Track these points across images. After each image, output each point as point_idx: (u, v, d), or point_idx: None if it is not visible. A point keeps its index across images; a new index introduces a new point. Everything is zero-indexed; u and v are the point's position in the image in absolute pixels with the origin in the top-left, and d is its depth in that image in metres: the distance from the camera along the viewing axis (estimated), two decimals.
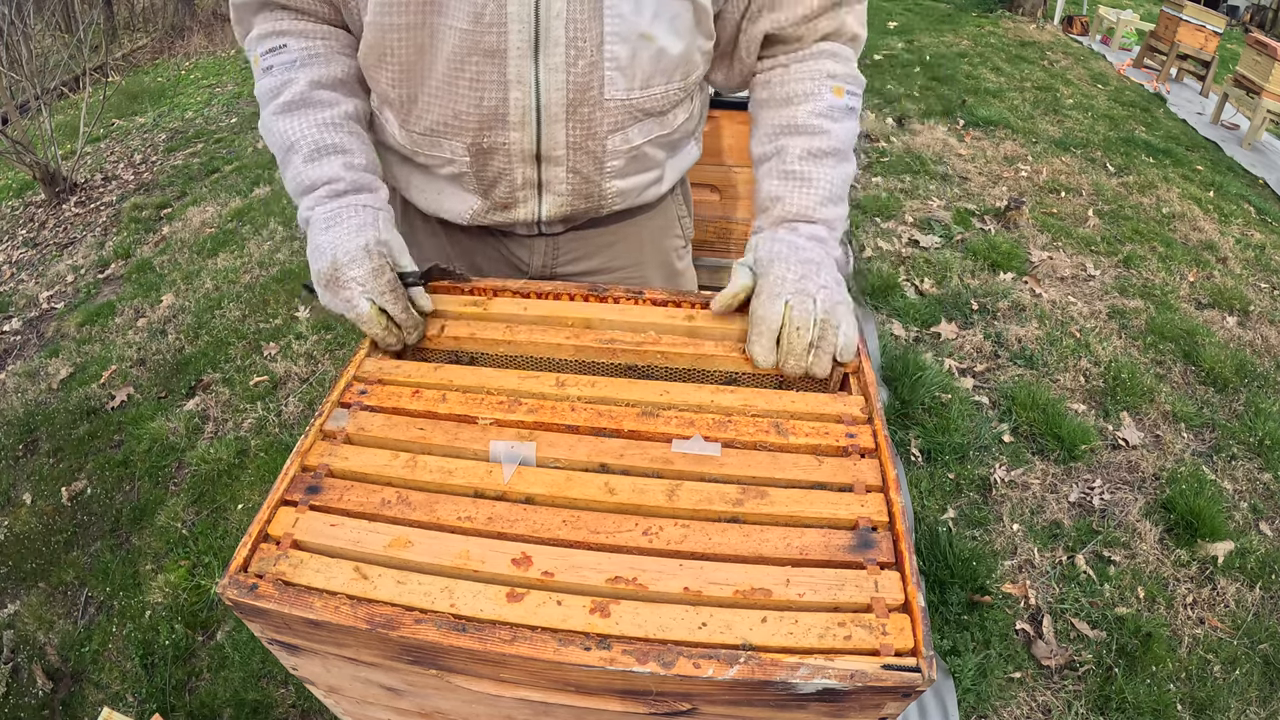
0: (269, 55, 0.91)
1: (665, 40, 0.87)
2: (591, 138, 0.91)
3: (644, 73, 0.88)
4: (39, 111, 4.60)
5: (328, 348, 2.96)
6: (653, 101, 0.92)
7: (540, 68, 0.84)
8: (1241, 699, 1.79)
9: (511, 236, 1.08)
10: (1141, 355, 2.95)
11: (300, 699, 1.77)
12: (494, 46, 0.83)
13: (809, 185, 0.92)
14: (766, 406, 0.81)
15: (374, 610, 0.62)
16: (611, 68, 0.86)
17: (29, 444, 2.65)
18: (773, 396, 0.82)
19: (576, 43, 0.83)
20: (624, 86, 0.88)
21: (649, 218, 1.13)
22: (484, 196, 0.98)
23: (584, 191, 0.97)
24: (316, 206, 0.88)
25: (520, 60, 0.84)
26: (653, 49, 0.86)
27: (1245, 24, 11.43)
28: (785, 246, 0.87)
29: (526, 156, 0.92)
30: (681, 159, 1.09)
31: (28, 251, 4.16)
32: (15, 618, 2.04)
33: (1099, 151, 4.87)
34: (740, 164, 2.14)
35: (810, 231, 0.90)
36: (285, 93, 0.90)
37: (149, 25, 8.54)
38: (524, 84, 0.85)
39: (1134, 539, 2.17)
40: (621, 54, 0.85)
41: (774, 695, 0.59)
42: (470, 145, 0.92)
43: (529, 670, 0.61)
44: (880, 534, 0.69)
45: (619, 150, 0.94)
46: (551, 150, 0.91)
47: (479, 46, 0.83)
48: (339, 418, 0.80)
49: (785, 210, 0.92)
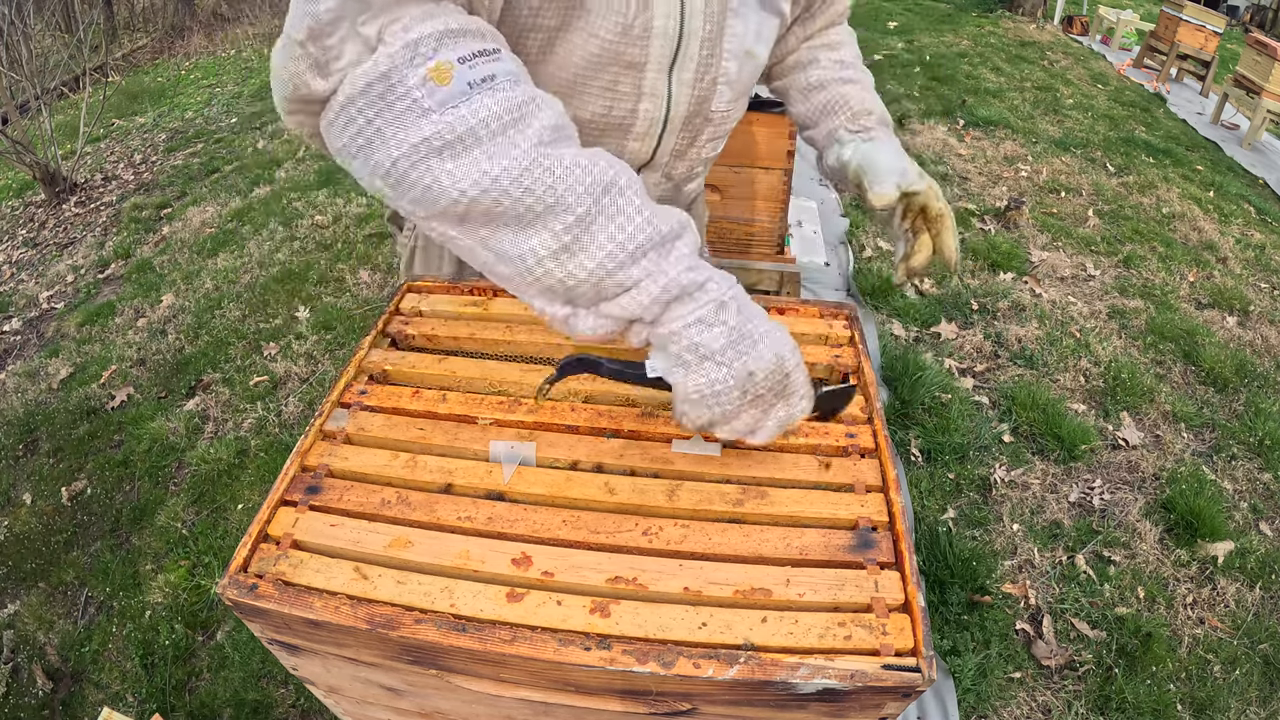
0: (481, 62, 0.61)
1: (761, 55, 0.92)
2: (692, 145, 0.95)
3: (744, 86, 0.92)
4: (39, 111, 4.60)
5: (328, 348, 2.96)
6: (739, 111, 0.96)
7: (674, 81, 0.85)
8: (1241, 699, 1.79)
9: None
10: (1141, 355, 2.95)
11: (300, 699, 1.76)
12: (635, 59, 0.81)
13: (871, 93, 1.05)
14: None
15: (374, 610, 0.62)
16: (723, 82, 0.88)
17: (29, 444, 2.65)
18: None
19: (706, 59, 0.85)
20: (729, 99, 0.91)
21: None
22: None
23: (670, 197, 1.01)
24: (691, 270, 0.63)
25: (657, 74, 0.84)
26: (753, 64, 0.91)
27: (1245, 24, 11.42)
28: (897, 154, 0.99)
29: (637, 164, 0.93)
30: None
31: (28, 251, 4.16)
32: (15, 618, 2.04)
33: (1099, 151, 4.87)
34: (740, 164, 2.14)
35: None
36: (544, 115, 0.63)
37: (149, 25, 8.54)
38: (657, 97, 0.85)
39: (1134, 539, 2.17)
40: (731, 70, 0.88)
41: (774, 695, 0.59)
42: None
43: (529, 670, 0.61)
44: (880, 534, 0.69)
45: (708, 158, 0.99)
46: (660, 158, 0.94)
47: (620, 58, 0.81)
48: (339, 418, 0.80)
49: (886, 115, 1.04)
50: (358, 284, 3.36)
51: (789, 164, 2.27)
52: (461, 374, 0.85)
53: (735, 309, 0.64)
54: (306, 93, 0.60)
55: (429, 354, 0.90)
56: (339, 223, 3.90)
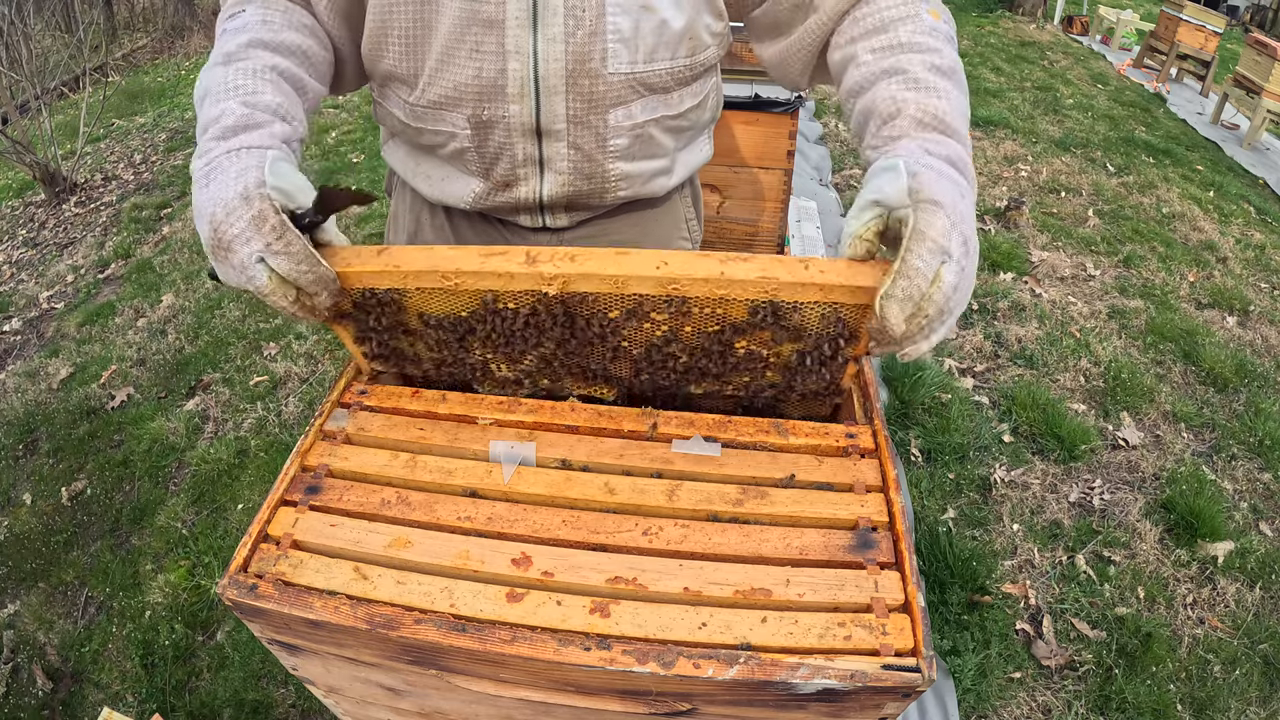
0: (227, 21, 0.86)
1: (668, 13, 0.86)
2: (593, 111, 0.91)
3: (647, 45, 0.87)
4: (39, 111, 4.60)
5: (328, 348, 2.96)
6: (657, 77, 0.91)
7: (539, 38, 0.84)
8: (1241, 699, 1.79)
9: (516, 232, 1.08)
10: (1141, 355, 2.95)
11: (300, 699, 1.76)
12: (492, 16, 0.83)
13: (942, 97, 0.76)
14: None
15: (374, 610, 0.62)
16: (614, 39, 0.85)
17: (29, 444, 2.65)
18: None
19: (575, 12, 0.83)
20: (627, 59, 0.87)
21: (655, 215, 1.12)
22: (485, 177, 0.98)
23: (586, 171, 0.96)
24: (198, 158, 0.75)
25: (519, 30, 0.84)
26: (655, 20, 0.86)
27: (1245, 24, 11.42)
28: (935, 175, 0.68)
29: (526, 131, 0.92)
30: (692, 154, 1.09)
31: (28, 251, 4.16)
32: (15, 618, 2.04)
33: (1099, 151, 4.87)
34: (740, 164, 2.14)
35: (952, 153, 0.73)
36: (223, 48, 0.83)
37: (149, 25, 8.54)
38: (522, 54, 0.85)
39: (1134, 539, 2.17)
40: (624, 25, 0.85)
41: (774, 695, 0.59)
42: (471, 117, 0.92)
43: (529, 670, 0.61)
44: (880, 534, 0.69)
45: (622, 127, 0.93)
46: (551, 124, 0.91)
47: (478, 17, 0.83)
48: (339, 418, 0.80)
49: (922, 112, 0.75)
50: None
51: (789, 164, 2.27)
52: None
53: (199, 185, 0.73)
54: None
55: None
56: (339, 222, 3.90)
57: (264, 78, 0.80)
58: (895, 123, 0.75)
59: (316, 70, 0.89)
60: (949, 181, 0.69)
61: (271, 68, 0.82)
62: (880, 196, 0.69)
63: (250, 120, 0.76)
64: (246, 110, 0.76)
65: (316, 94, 0.89)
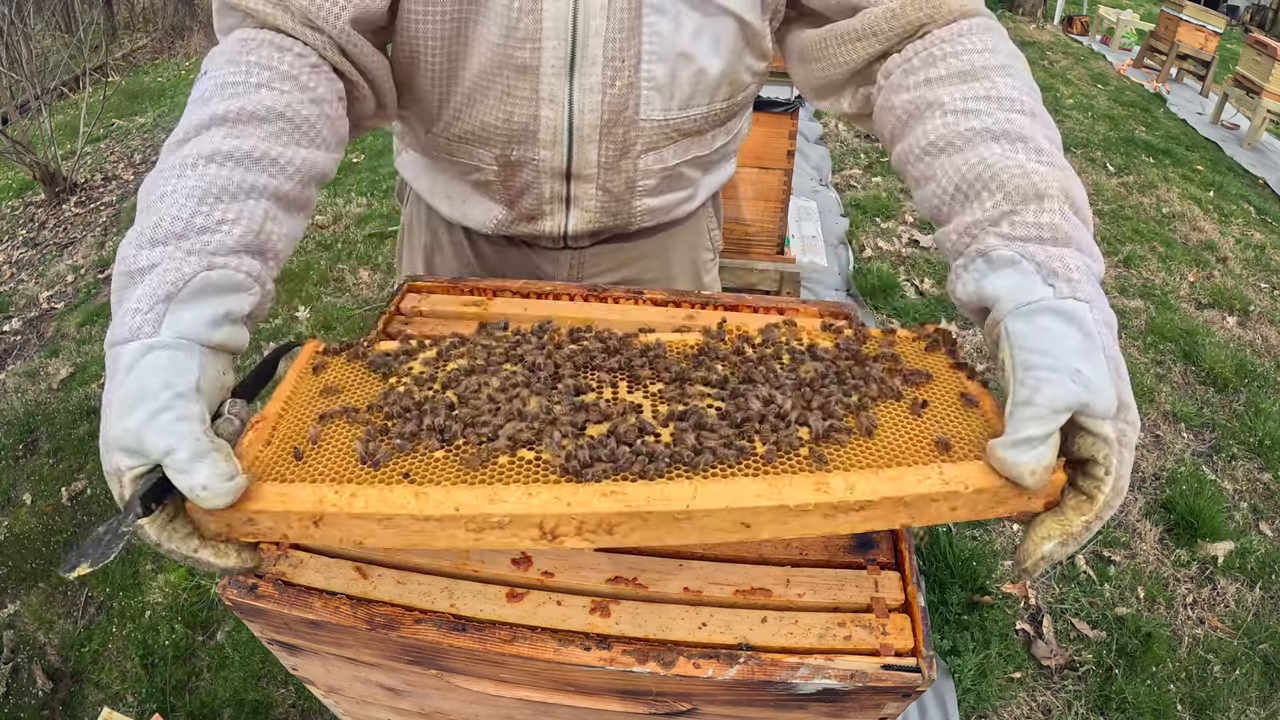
0: (196, 83, 0.72)
1: (705, 60, 0.81)
2: (624, 157, 0.88)
3: (683, 93, 0.83)
4: (39, 111, 4.60)
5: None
6: (692, 123, 0.88)
7: (575, 87, 0.81)
8: (1241, 699, 1.79)
9: (536, 248, 1.06)
10: (1141, 355, 2.95)
11: (300, 699, 1.76)
12: (526, 62, 0.78)
13: (1058, 168, 0.60)
14: None
15: (374, 610, 0.62)
16: (648, 87, 0.81)
17: (29, 444, 2.65)
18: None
19: (615, 63, 0.79)
20: (661, 107, 0.84)
21: (678, 232, 1.10)
22: (510, 207, 0.96)
23: (612, 210, 0.95)
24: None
25: (554, 78, 0.80)
26: (693, 69, 0.81)
27: (1245, 24, 11.43)
28: (1053, 337, 0.52)
29: (556, 173, 0.89)
30: (716, 176, 1.06)
31: (28, 251, 4.16)
32: (15, 618, 2.04)
33: (1099, 151, 4.87)
34: (740, 164, 2.14)
35: (1078, 264, 0.54)
36: (181, 125, 0.65)
37: (149, 25, 8.54)
38: (557, 103, 0.82)
39: (1134, 539, 2.17)
40: (659, 73, 0.81)
41: (774, 695, 0.59)
42: (498, 157, 0.89)
43: (529, 670, 0.61)
44: (880, 534, 0.69)
45: (652, 170, 0.91)
46: (582, 169, 0.89)
47: (511, 61, 0.79)
48: None
49: (1010, 182, 0.58)
50: (357, 284, 3.36)
51: (789, 164, 2.27)
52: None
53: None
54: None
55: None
56: (339, 223, 3.90)
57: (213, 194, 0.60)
58: (989, 202, 0.58)
59: (306, 135, 0.68)
60: (1055, 336, 0.52)
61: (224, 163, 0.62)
62: (1084, 400, 0.49)
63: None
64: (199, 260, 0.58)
65: (307, 162, 0.67)
